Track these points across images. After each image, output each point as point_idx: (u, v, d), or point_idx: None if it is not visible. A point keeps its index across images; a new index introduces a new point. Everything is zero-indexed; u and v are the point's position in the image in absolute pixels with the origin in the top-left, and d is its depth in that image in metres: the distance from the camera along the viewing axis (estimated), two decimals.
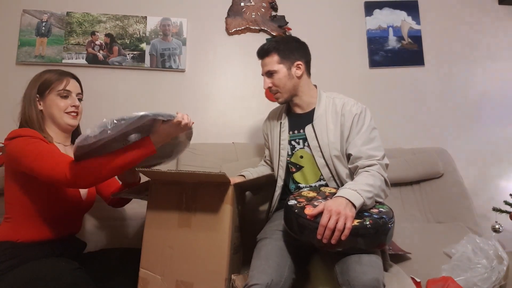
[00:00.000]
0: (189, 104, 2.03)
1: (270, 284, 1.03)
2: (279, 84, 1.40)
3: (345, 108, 1.35)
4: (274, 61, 1.39)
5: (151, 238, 1.19)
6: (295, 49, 1.42)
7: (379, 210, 1.13)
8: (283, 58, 1.39)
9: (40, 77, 1.29)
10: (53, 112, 1.27)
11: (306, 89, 1.43)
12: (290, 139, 1.42)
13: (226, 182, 1.17)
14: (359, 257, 1.03)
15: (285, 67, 1.39)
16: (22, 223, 1.17)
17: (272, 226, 1.29)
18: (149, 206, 1.22)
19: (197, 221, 1.17)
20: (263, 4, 2.12)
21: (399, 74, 2.15)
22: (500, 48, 2.20)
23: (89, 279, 1.06)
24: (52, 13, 1.99)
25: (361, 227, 1.02)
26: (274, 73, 1.40)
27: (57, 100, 1.27)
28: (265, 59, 1.42)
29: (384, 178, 1.24)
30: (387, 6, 2.19)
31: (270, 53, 1.40)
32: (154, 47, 2.03)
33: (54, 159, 1.10)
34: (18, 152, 1.13)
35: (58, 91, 1.27)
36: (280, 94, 1.42)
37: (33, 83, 1.29)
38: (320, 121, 1.37)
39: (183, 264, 1.15)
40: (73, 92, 1.31)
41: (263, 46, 1.43)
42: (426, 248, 1.56)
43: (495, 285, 1.36)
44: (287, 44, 1.41)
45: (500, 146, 2.11)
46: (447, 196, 1.79)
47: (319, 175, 1.37)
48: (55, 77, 1.28)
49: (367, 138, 1.30)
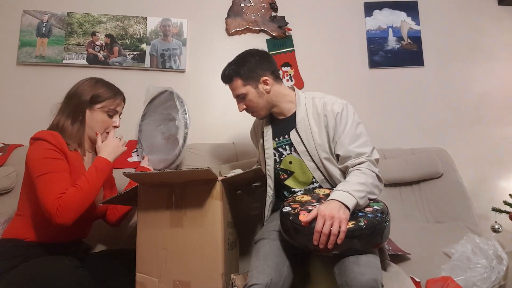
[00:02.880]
0: (189, 104, 2.02)
1: (269, 284, 1.03)
2: (252, 105, 1.38)
3: (326, 108, 1.31)
4: (239, 85, 1.36)
5: (145, 241, 1.19)
6: (255, 66, 1.36)
7: (373, 209, 1.12)
8: (247, 80, 1.35)
9: (95, 87, 1.31)
10: (95, 126, 1.31)
11: (281, 98, 1.39)
12: (277, 146, 1.40)
13: (214, 179, 1.18)
14: (357, 258, 1.03)
15: (252, 87, 1.36)
16: (32, 222, 1.19)
17: (270, 227, 1.29)
18: (139, 210, 1.22)
19: (189, 220, 1.17)
20: (263, 5, 2.12)
21: (398, 75, 2.15)
22: (499, 48, 2.20)
23: (92, 278, 1.07)
24: (52, 14, 2.00)
25: (356, 228, 1.02)
26: (244, 96, 1.37)
27: (104, 117, 1.32)
28: (231, 84, 1.40)
29: (376, 173, 1.22)
30: (387, 6, 2.19)
31: (232, 78, 1.37)
32: (154, 48, 2.03)
33: (56, 188, 1.12)
34: (32, 160, 1.17)
35: (109, 109, 1.32)
36: (257, 113, 1.41)
37: (86, 90, 1.30)
38: (304, 125, 1.34)
39: (179, 264, 1.15)
40: (119, 112, 1.37)
41: (224, 72, 1.40)
42: (426, 248, 1.57)
43: (495, 285, 1.36)
44: (246, 65, 1.36)
45: (499, 146, 2.12)
46: (446, 196, 1.79)
47: (311, 178, 1.34)
48: (111, 93, 1.33)
49: (353, 135, 1.27)
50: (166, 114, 1.67)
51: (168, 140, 1.64)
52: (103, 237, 1.57)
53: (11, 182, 1.60)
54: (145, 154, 1.69)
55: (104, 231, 1.54)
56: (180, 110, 1.60)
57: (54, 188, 1.12)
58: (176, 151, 1.59)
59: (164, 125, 1.67)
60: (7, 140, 1.78)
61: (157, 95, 1.73)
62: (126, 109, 1.93)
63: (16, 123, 1.90)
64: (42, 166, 1.14)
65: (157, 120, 1.71)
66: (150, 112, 1.75)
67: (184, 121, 1.59)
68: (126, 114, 1.94)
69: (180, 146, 1.58)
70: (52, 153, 1.17)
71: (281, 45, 2.11)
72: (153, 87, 1.74)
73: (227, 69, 1.39)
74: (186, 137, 1.59)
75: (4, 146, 1.74)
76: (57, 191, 1.11)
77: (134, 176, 1.22)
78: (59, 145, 1.19)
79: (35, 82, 1.95)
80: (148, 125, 1.74)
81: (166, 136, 1.65)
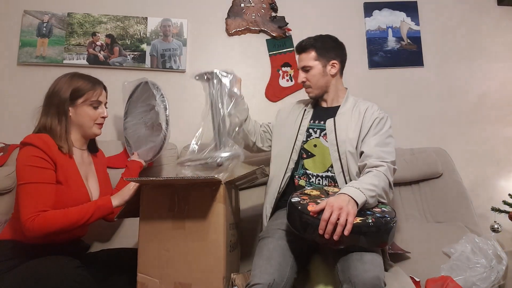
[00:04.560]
0: (189, 105, 2.04)
1: (272, 284, 1.03)
2: (312, 80, 1.46)
3: (368, 111, 1.42)
4: (310, 57, 1.45)
5: (146, 242, 1.19)
6: (332, 48, 1.47)
7: (381, 210, 1.14)
8: (320, 56, 1.45)
9: (71, 82, 1.28)
10: (83, 121, 1.29)
11: (335, 87, 1.49)
12: (309, 127, 1.47)
13: (217, 181, 1.18)
14: (361, 255, 1.04)
15: (321, 64, 1.45)
16: None
17: (275, 225, 1.29)
18: (142, 210, 1.22)
19: (191, 222, 1.17)
20: (263, 5, 2.13)
21: (398, 75, 2.16)
22: (499, 49, 2.20)
23: (91, 277, 1.07)
24: (53, 14, 2.00)
25: (364, 225, 1.03)
26: (309, 69, 1.45)
27: (89, 110, 1.29)
28: (302, 54, 1.47)
29: (389, 181, 1.26)
30: (387, 7, 2.19)
31: (307, 49, 1.46)
32: (154, 48, 2.04)
33: (36, 203, 1.11)
34: (19, 165, 1.15)
35: (92, 101, 1.29)
36: (311, 89, 1.49)
37: (64, 87, 1.27)
38: (342, 118, 1.42)
39: (180, 266, 1.15)
40: (103, 102, 1.34)
41: (301, 42, 1.49)
42: (425, 247, 1.57)
43: (494, 285, 1.36)
44: (324, 43, 1.46)
45: (499, 146, 2.12)
46: (446, 196, 1.79)
47: (328, 167, 1.39)
48: (89, 85, 1.29)
49: (382, 141, 1.34)
50: (146, 105, 1.64)
51: (152, 129, 1.62)
52: (102, 236, 1.57)
53: (11, 182, 1.60)
54: (134, 150, 1.68)
55: (102, 230, 1.54)
56: (157, 95, 1.57)
57: (34, 202, 1.10)
58: (161, 136, 1.56)
59: (145, 116, 1.65)
60: (7, 140, 1.78)
61: (134, 89, 1.70)
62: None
63: (16, 123, 1.90)
64: (26, 174, 1.13)
65: (139, 114, 1.68)
66: (131, 109, 1.72)
67: (163, 105, 1.56)
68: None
69: (164, 129, 1.55)
70: (38, 161, 1.14)
71: (281, 46, 2.12)
72: (127, 82, 1.71)
73: (306, 40, 1.48)
74: (168, 119, 1.56)
75: (5, 146, 1.75)
76: (37, 206, 1.10)
77: (138, 182, 1.23)
78: (48, 150, 1.16)
79: (36, 82, 1.95)
80: (131, 122, 1.72)
81: (150, 125, 1.63)
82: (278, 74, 2.10)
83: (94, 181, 1.37)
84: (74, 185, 1.24)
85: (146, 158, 1.63)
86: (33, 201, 1.11)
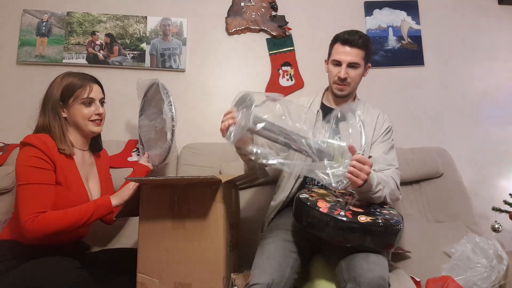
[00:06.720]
0: (189, 104, 2.03)
1: (271, 284, 1.03)
2: (355, 78, 1.42)
3: (380, 117, 1.46)
4: (361, 55, 1.40)
5: (146, 242, 1.18)
6: (371, 52, 1.50)
7: (390, 212, 1.15)
8: (365, 57, 1.43)
9: (62, 82, 1.27)
10: (77, 121, 1.27)
11: (356, 90, 1.50)
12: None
13: (217, 181, 1.17)
14: (367, 255, 1.05)
15: (363, 65, 1.43)
16: None
17: (278, 225, 1.29)
18: (141, 210, 1.21)
19: (191, 222, 1.17)
20: (263, 4, 2.12)
21: (398, 74, 2.15)
22: (500, 48, 2.20)
23: (91, 278, 1.06)
24: (52, 13, 2.00)
25: (374, 224, 1.04)
26: (356, 67, 1.41)
27: (81, 109, 1.26)
28: (354, 49, 1.39)
29: (396, 184, 1.29)
30: (387, 6, 2.19)
31: (360, 46, 1.39)
32: (154, 47, 2.03)
33: (36, 203, 1.11)
34: (17, 166, 1.15)
35: (82, 99, 1.26)
36: (347, 87, 1.43)
37: (55, 88, 1.26)
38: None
39: (180, 266, 1.15)
40: (97, 98, 1.30)
41: (358, 37, 1.39)
42: (426, 247, 1.57)
43: (495, 285, 1.36)
44: (370, 44, 1.45)
45: (499, 146, 2.12)
46: (446, 196, 1.79)
47: None
48: (78, 83, 1.26)
49: (389, 149, 1.40)
50: (157, 108, 1.63)
51: (161, 134, 1.61)
52: (102, 236, 1.57)
53: (11, 181, 1.60)
54: (145, 150, 1.68)
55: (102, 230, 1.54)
56: (166, 101, 1.54)
57: (34, 203, 1.10)
58: (166, 146, 1.55)
59: (156, 119, 1.64)
60: (7, 139, 1.78)
61: (148, 87, 1.69)
62: (125, 109, 1.92)
63: (16, 122, 1.90)
64: (25, 174, 1.12)
65: (152, 114, 1.67)
66: (145, 106, 1.72)
67: (171, 114, 1.53)
68: (125, 114, 1.96)
69: (169, 140, 1.53)
70: (38, 161, 1.14)
71: (281, 45, 2.11)
72: (141, 81, 1.70)
73: (360, 35, 1.39)
74: (174, 130, 1.53)
75: (4, 145, 1.74)
76: (36, 207, 1.10)
77: (137, 181, 1.22)
78: (48, 151, 1.16)
79: (35, 81, 1.95)
80: (144, 120, 1.72)
81: (159, 130, 1.62)
82: (278, 73, 2.10)
83: (95, 182, 1.36)
84: (74, 186, 1.23)
85: (153, 163, 1.62)
86: (32, 202, 1.10)
